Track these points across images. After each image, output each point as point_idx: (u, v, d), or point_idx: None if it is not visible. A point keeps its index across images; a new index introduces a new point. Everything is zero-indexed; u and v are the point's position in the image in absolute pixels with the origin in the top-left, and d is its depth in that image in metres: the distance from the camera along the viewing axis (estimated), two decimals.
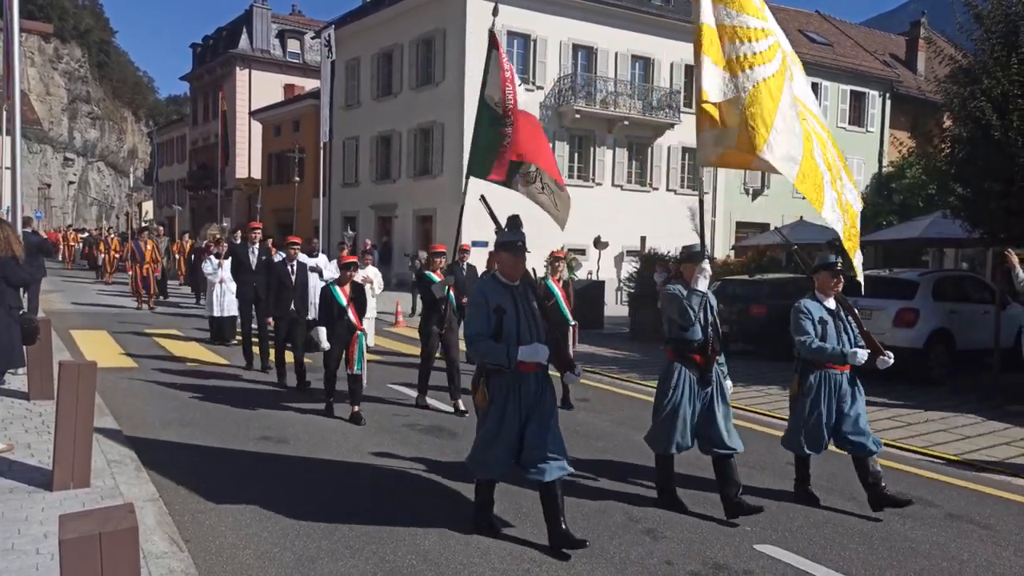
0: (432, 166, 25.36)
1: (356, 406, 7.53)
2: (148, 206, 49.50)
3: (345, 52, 27.87)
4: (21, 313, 6.01)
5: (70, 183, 65.89)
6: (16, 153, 8.18)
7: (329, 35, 19.90)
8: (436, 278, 8.03)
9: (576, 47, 25.48)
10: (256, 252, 10.53)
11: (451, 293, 7.69)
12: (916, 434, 7.84)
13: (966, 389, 10.44)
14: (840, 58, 31.24)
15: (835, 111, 30.80)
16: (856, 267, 5.36)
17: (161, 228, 24.76)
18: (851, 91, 31.09)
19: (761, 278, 14.69)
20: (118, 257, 25.70)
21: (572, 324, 8.67)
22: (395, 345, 13.33)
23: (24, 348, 6.23)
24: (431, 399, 8.44)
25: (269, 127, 38.71)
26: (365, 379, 7.79)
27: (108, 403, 7.38)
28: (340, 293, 7.58)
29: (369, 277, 10.76)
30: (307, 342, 10.63)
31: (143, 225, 25.54)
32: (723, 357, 5.24)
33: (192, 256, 20.13)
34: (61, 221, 57.93)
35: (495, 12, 7.32)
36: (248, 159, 41.30)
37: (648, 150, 27.41)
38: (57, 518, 2.88)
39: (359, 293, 7.82)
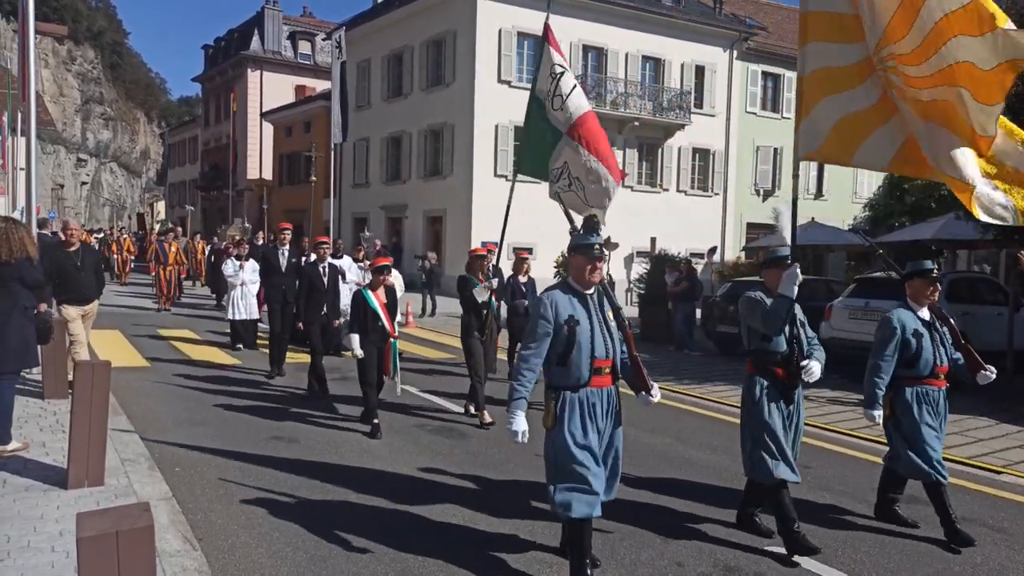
0: (442, 167, 25.39)
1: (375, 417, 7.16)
2: (160, 206, 49.82)
3: (356, 53, 27.95)
4: (36, 313, 6.07)
5: (83, 184, 66.38)
6: (31, 154, 8.25)
7: (340, 36, 19.93)
8: (478, 282, 7.68)
9: (586, 48, 25.47)
10: (286, 254, 10.18)
11: (492, 299, 7.45)
12: None
13: (979, 392, 10.35)
14: None
15: None
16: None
17: (179, 229, 24.85)
18: None
19: None
20: (132, 257, 25.83)
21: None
22: (406, 346, 13.35)
23: (39, 348, 6.30)
24: (441, 399, 8.43)
25: (280, 128, 38.88)
26: (400, 388, 7.49)
27: (122, 403, 7.44)
28: (373, 298, 7.15)
29: (390, 280, 10.67)
30: (337, 345, 10.39)
31: (169, 226, 25.58)
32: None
33: (212, 257, 20.16)
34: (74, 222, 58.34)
35: (548, 6, 7.05)
36: (259, 160, 41.49)
37: (658, 151, 27.36)
38: (72, 516, 2.91)
39: (392, 298, 7.43)
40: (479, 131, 23.62)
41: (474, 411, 7.71)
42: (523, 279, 9.66)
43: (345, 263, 10.83)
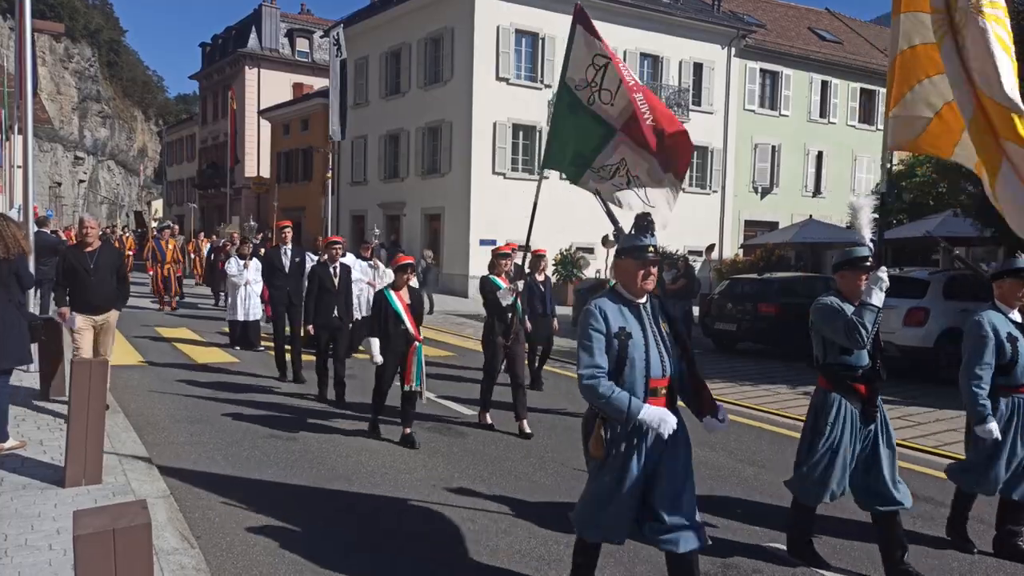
0: (440, 165, 25.37)
1: (409, 427, 6.71)
2: (158, 204, 49.76)
3: (353, 51, 27.88)
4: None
5: (80, 182, 66.24)
6: (28, 152, 8.24)
7: (338, 34, 19.86)
8: (501, 283, 7.27)
9: None
10: (288, 254, 9.70)
11: (518, 301, 7.16)
12: (926, 434, 7.81)
13: None
14: (850, 56, 31.10)
15: (844, 109, 30.67)
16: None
17: (177, 227, 24.73)
18: (861, 89, 30.96)
19: (770, 276, 14.68)
20: (131, 255, 25.75)
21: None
22: None
23: (33, 346, 6.30)
24: (445, 400, 8.39)
25: (278, 126, 38.82)
26: (425, 396, 6.96)
27: (119, 401, 7.44)
28: (396, 299, 6.68)
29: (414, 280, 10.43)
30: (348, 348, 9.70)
31: (164, 224, 25.41)
32: None
33: (212, 255, 19.99)
34: (72, 220, 58.23)
35: None
36: (257, 158, 41.44)
37: None
38: (70, 514, 2.91)
39: (417, 299, 6.93)
40: (477, 129, 23.59)
41: (489, 419, 7.43)
42: (540, 278, 9.42)
43: (349, 261, 10.64)
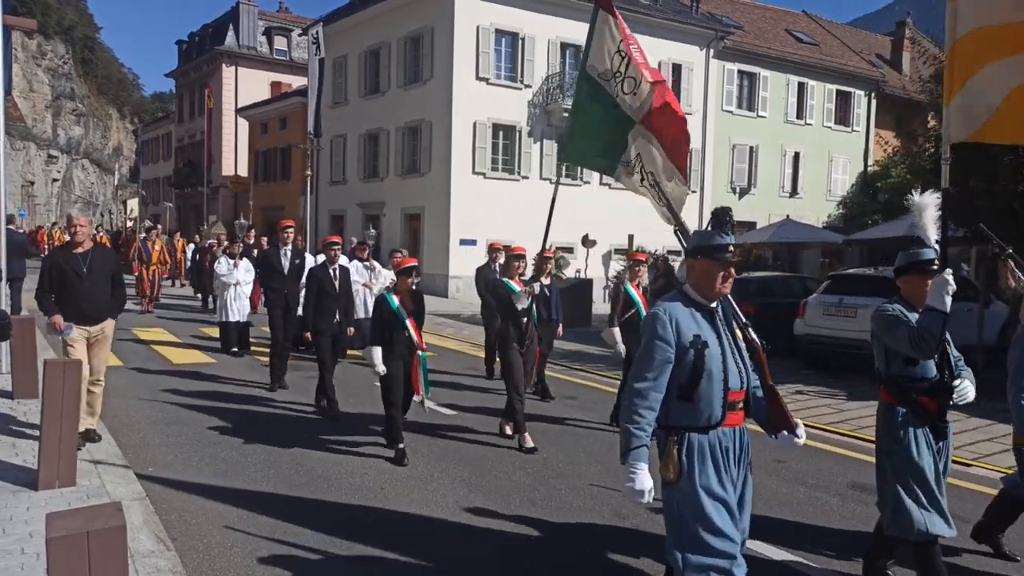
0: (420, 164, 25.29)
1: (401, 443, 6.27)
2: (133, 204, 49.04)
3: (332, 49, 27.74)
4: None
5: (54, 180, 65.24)
6: (0, 150, 8.10)
7: (318, 32, 19.76)
8: (516, 287, 6.80)
9: (564, 45, 25.48)
10: (288, 255, 9.23)
11: (533, 305, 6.79)
12: None
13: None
14: (826, 58, 31.44)
15: (821, 110, 31.00)
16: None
17: (159, 227, 24.34)
18: (837, 90, 31.30)
19: (748, 276, 14.80)
20: None
21: None
22: None
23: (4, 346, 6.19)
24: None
25: (256, 125, 38.49)
26: (428, 405, 6.67)
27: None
28: (398, 304, 6.26)
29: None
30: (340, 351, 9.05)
31: (150, 224, 24.95)
32: None
33: (196, 256, 19.63)
34: (45, 219, 57.35)
35: None
36: (235, 157, 41.07)
37: None
38: (43, 517, 2.86)
39: (420, 304, 6.50)
40: (457, 128, 23.55)
41: (510, 431, 6.92)
42: (546, 281, 8.80)
43: (342, 261, 10.31)
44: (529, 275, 7.77)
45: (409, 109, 25.50)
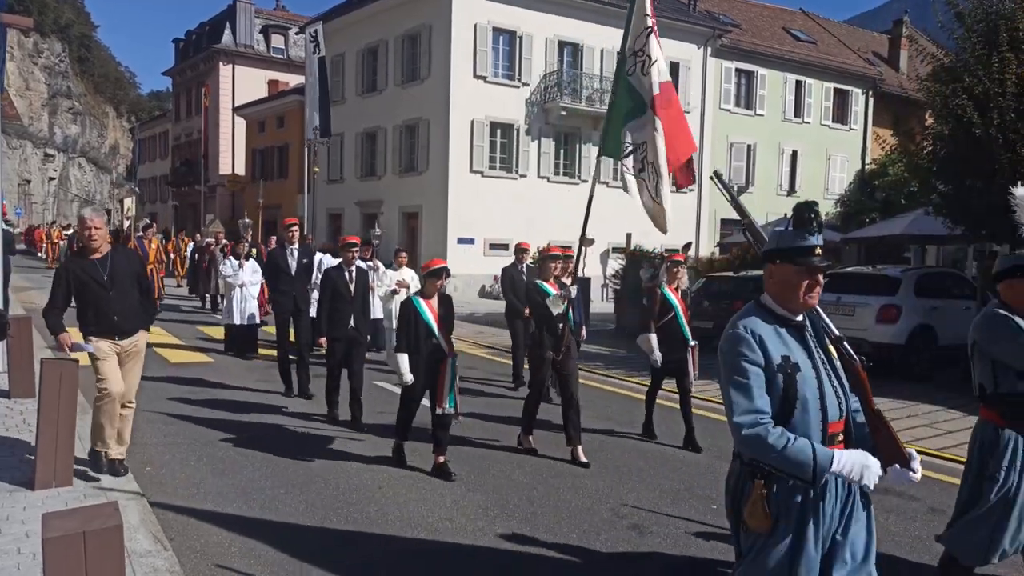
0: (418, 163, 25.28)
1: (443, 455, 5.86)
2: (130, 202, 48.94)
3: (330, 48, 27.65)
4: None
5: (51, 179, 65.13)
6: None
7: (316, 30, 19.75)
8: (551, 290, 6.49)
9: (562, 44, 25.47)
10: (295, 254, 8.74)
11: (570, 310, 6.37)
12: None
13: (948, 385, 10.55)
14: (824, 56, 31.46)
15: (819, 108, 31.02)
16: None
17: (155, 225, 24.17)
18: (834, 89, 31.32)
19: (746, 275, 14.80)
20: None
21: (692, 344, 6.94)
22: None
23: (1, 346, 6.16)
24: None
25: (253, 123, 38.45)
26: (459, 420, 6.24)
27: (91, 402, 7.30)
28: (426, 308, 5.84)
29: (406, 281, 9.85)
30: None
31: (147, 223, 24.89)
32: None
33: (195, 255, 19.30)
34: (42, 218, 57.27)
35: None
36: (232, 155, 41.02)
37: None
38: (39, 517, 2.85)
39: (448, 308, 6.03)
40: (455, 127, 23.54)
41: (526, 444, 6.65)
42: (568, 281, 8.49)
43: (327, 259, 10.15)
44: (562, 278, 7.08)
45: (407, 107, 25.49)
